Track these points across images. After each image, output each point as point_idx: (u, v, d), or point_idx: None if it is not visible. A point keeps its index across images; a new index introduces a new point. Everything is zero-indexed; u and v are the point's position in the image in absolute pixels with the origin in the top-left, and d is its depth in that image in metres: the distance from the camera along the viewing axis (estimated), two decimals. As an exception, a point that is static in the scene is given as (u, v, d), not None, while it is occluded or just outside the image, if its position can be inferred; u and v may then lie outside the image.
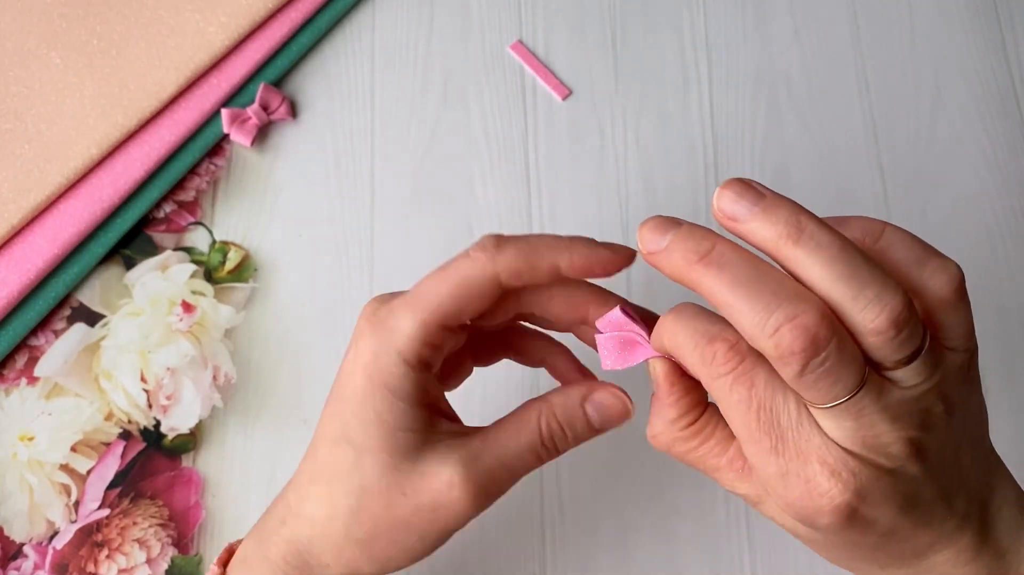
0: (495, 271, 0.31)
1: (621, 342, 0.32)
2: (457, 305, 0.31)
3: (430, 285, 0.31)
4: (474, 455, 0.31)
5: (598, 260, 0.31)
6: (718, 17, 0.58)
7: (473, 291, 0.31)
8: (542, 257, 0.31)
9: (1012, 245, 0.53)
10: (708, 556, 0.46)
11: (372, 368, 0.31)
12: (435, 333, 0.31)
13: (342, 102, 0.55)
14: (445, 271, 0.31)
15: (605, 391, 0.33)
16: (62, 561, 0.45)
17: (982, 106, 0.56)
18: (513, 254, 0.31)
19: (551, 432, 0.32)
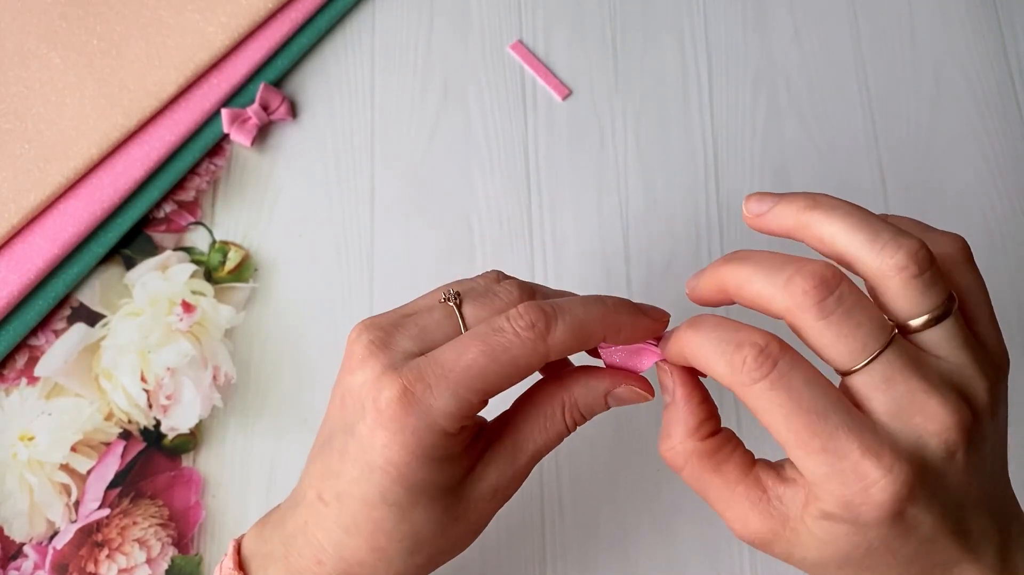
0: (547, 353, 0.30)
1: (626, 353, 0.33)
2: (501, 383, 0.30)
3: (474, 360, 0.30)
4: (509, 460, 0.33)
5: (642, 331, 0.32)
6: (718, 17, 0.58)
7: (521, 371, 0.30)
8: (592, 333, 0.31)
9: (1012, 245, 0.53)
10: (708, 556, 0.46)
11: (415, 444, 0.29)
12: (475, 407, 0.30)
13: (342, 102, 0.55)
14: (491, 347, 0.30)
15: (627, 388, 0.33)
16: (62, 561, 0.45)
17: (982, 106, 0.56)
18: (566, 336, 0.30)
19: (575, 421, 0.33)
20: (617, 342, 0.32)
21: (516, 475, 0.33)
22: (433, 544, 0.32)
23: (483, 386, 0.30)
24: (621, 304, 0.32)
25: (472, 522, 0.33)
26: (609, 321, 0.31)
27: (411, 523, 0.31)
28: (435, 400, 0.29)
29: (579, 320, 0.31)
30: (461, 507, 0.32)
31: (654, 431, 0.48)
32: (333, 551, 0.32)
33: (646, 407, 0.49)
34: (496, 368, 0.30)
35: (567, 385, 0.33)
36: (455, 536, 0.33)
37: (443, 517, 0.31)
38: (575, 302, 0.31)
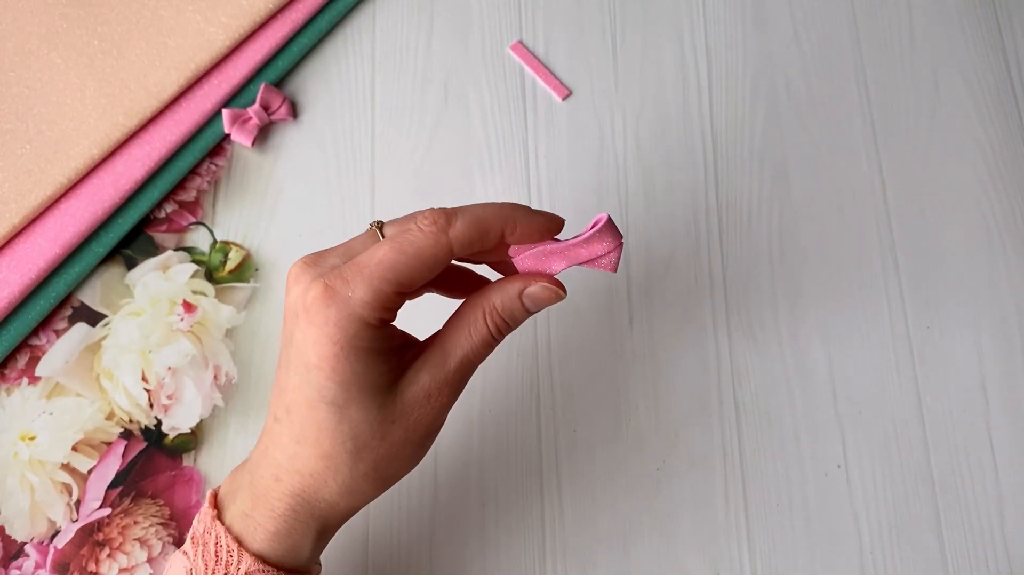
0: (448, 244, 0.34)
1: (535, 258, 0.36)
2: (411, 274, 0.33)
3: (385, 254, 0.33)
4: (438, 364, 0.35)
5: (536, 228, 0.35)
6: (718, 17, 0.58)
7: (427, 262, 0.33)
8: (491, 227, 0.34)
9: (1012, 245, 0.53)
10: (708, 555, 0.47)
11: (338, 335, 0.32)
12: (391, 298, 0.33)
13: (342, 102, 0.55)
14: (399, 242, 0.33)
15: (538, 285, 0.36)
16: (63, 560, 0.45)
17: (982, 106, 0.56)
18: (464, 228, 0.34)
19: (497, 326, 0.36)
20: (516, 238, 0.35)
21: (447, 380, 0.35)
22: (373, 448, 0.34)
23: (394, 276, 0.33)
24: (517, 204, 0.36)
25: (410, 428, 0.35)
26: (504, 215, 0.35)
27: (349, 422, 0.33)
28: (352, 291, 0.33)
29: (476, 215, 0.34)
30: (397, 409, 0.34)
31: (654, 430, 0.49)
32: (288, 464, 0.34)
33: (646, 407, 0.49)
34: (405, 260, 0.33)
35: (486, 294, 0.36)
36: (395, 441, 0.34)
37: (379, 415, 0.34)
38: (476, 204, 0.35)
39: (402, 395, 0.35)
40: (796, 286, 0.52)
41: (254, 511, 0.35)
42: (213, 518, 0.35)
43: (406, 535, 0.46)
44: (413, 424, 0.35)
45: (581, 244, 0.35)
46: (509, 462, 0.48)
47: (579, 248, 0.35)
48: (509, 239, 0.35)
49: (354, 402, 0.33)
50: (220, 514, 0.36)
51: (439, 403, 0.35)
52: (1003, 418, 0.50)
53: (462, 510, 0.47)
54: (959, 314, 0.52)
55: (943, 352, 0.51)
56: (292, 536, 0.35)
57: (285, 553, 0.35)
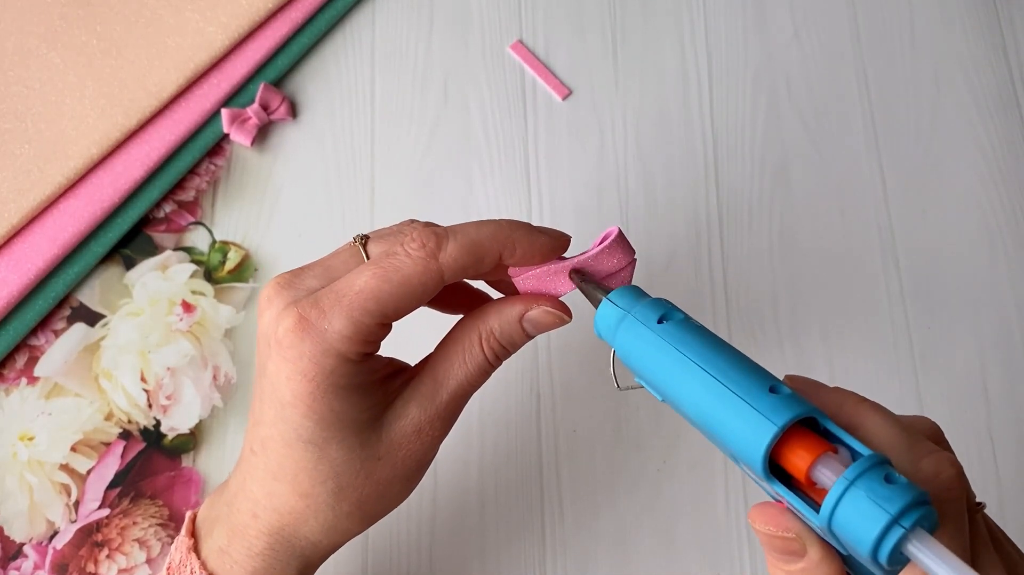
0: (439, 271, 0.30)
1: (538, 279, 0.33)
2: (396, 305, 0.30)
3: (367, 282, 0.30)
4: (429, 397, 0.32)
5: (539, 249, 0.32)
6: (718, 17, 0.58)
7: (415, 291, 0.30)
8: (486, 252, 0.31)
9: (1012, 245, 0.53)
10: (708, 556, 0.46)
11: (314, 372, 0.30)
12: (373, 331, 0.30)
13: (342, 102, 0.55)
14: (384, 269, 0.30)
15: (540, 310, 0.33)
16: (62, 561, 0.45)
17: (982, 106, 0.56)
18: (457, 253, 0.30)
19: (494, 352, 0.33)
20: (516, 261, 0.32)
21: (439, 413, 0.32)
22: (357, 487, 0.31)
23: (377, 307, 0.30)
24: (516, 223, 0.32)
25: (398, 465, 0.32)
26: (502, 237, 0.31)
27: (330, 461, 0.31)
28: (329, 324, 0.29)
29: (471, 238, 0.31)
30: (383, 446, 0.32)
31: (654, 431, 0.48)
32: (265, 501, 0.32)
33: (646, 406, 0.49)
34: (389, 288, 0.30)
35: (483, 316, 0.33)
36: (381, 479, 0.32)
37: (362, 454, 0.31)
38: (470, 223, 0.32)
39: (388, 430, 0.32)
40: (796, 286, 0.52)
41: (231, 547, 0.32)
42: (189, 549, 0.33)
43: (405, 535, 0.46)
44: (401, 461, 0.32)
45: (589, 261, 0.32)
46: (509, 463, 0.48)
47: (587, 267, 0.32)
48: (508, 262, 0.32)
49: (334, 441, 0.31)
50: (197, 544, 0.34)
51: (430, 437, 0.32)
52: (1003, 418, 0.50)
53: (462, 511, 0.47)
54: (959, 314, 0.52)
55: (943, 352, 0.51)
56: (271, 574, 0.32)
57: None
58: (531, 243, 0.32)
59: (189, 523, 0.34)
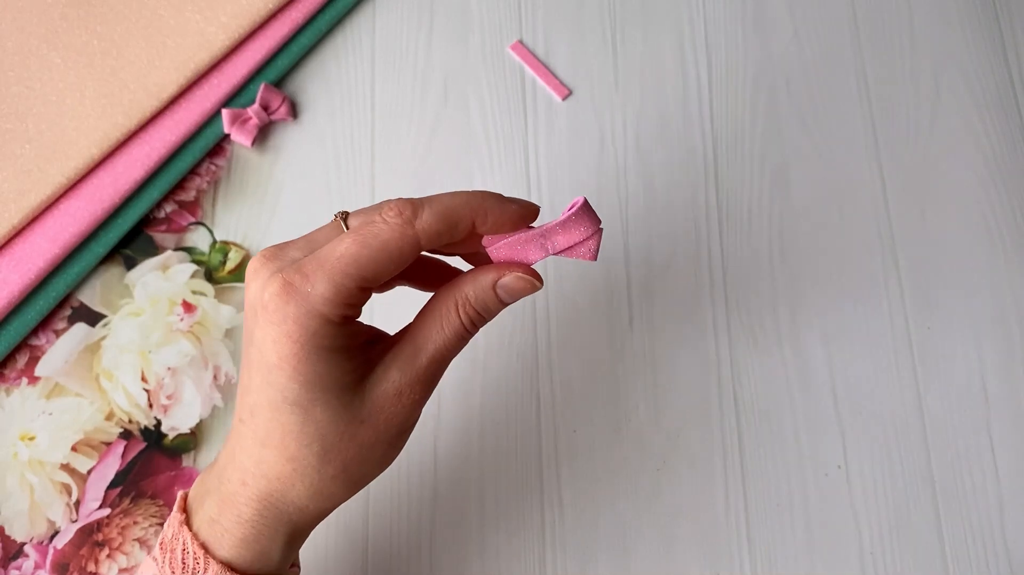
0: (415, 236, 0.32)
1: (510, 248, 0.34)
2: (375, 269, 0.32)
3: (347, 248, 0.31)
4: (409, 361, 0.34)
5: (509, 216, 0.34)
6: (718, 17, 0.58)
7: (393, 256, 0.32)
8: (460, 218, 0.33)
9: (1012, 245, 0.53)
10: (708, 555, 0.47)
11: (299, 333, 0.31)
12: (354, 294, 0.32)
13: (342, 102, 0.55)
14: (362, 235, 0.32)
15: (512, 276, 0.34)
16: (63, 561, 0.45)
17: (982, 106, 0.56)
18: (432, 219, 0.32)
19: (470, 318, 0.34)
20: (488, 228, 0.33)
21: (418, 376, 0.34)
22: (342, 450, 0.33)
23: (357, 271, 0.31)
24: (488, 192, 0.34)
25: (381, 427, 0.33)
26: (475, 204, 0.33)
27: (315, 423, 0.32)
28: (312, 287, 0.31)
29: (445, 205, 0.32)
30: (366, 409, 0.33)
31: (654, 431, 0.49)
32: (254, 468, 0.33)
33: (646, 407, 0.49)
34: (368, 253, 0.31)
35: (459, 284, 0.34)
36: (365, 442, 0.33)
37: (346, 416, 0.32)
38: (444, 193, 0.33)
39: (371, 394, 0.33)
40: (796, 286, 0.52)
41: (221, 516, 0.34)
42: (180, 523, 0.34)
43: (405, 535, 0.46)
44: (384, 424, 0.33)
45: (557, 228, 0.33)
46: (509, 462, 0.48)
47: (555, 235, 0.34)
48: (481, 229, 0.34)
49: (319, 403, 0.32)
50: (188, 519, 0.34)
51: (410, 400, 0.34)
52: (1003, 418, 0.50)
53: (462, 510, 0.47)
54: (959, 314, 0.52)
55: (943, 352, 0.51)
56: (260, 542, 0.34)
57: (254, 559, 0.33)
58: (502, 210, 0.33)
59: (181, 500, 0.35)
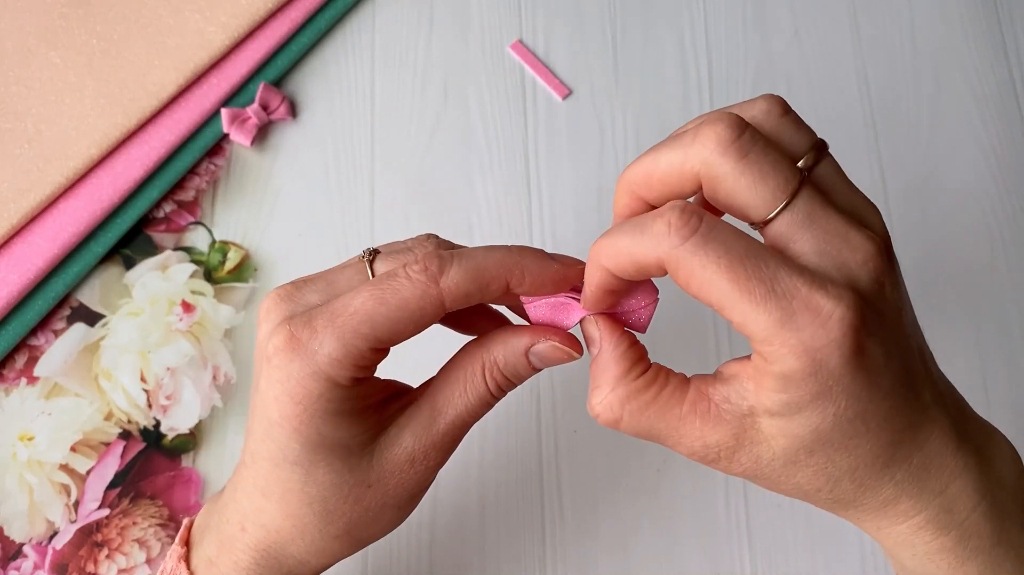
0: (439, 297, 0.29)
1: (552, 307, 0.31)
2: (391, 329, 0.28)
3: (363, 303, 0.28)
4: (426, 426, 0.31)
5: (550, 278, 0.30)
6: (718, 17, 0.58)
7: (413, 316, 0.28)
8: (492, 278, 0.29)
9: (1012, 245, 0.53)
10: (708, 556, 0.46)
11: (301, 394, 0.28)
12: (366, 355, 0.29)
13: (342, 102, 0.55)
14: (381, 291, 0.28)
15: (549, 344, 0.31)
16: (62, 561, 0.45)
17: (982, 105, 0.56)
18: (460, 278, 0.29)
19: (497, 384, 0.31)
20: (525, 290, 0.30)
21: (435, 443, 0.31)
22: (346, 512, 0.30)
23: (371, 330, 0.28)
24: (527, 249, 0.30)
25: (390, 492, 0.31)
26: (510, 263, 0.29)
27: (317, 485, 0.30)
28: (320, 346, 0.28)
29: (476, 263, 0.29)
30: (374, 473, 0.30)
31: (654, 431, 0.48)
32: (254, 516, 0.31)
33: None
34: (385, 311, 0.28)
35: (488, 344, 0.31)
36: (372, 506, 0.31)
37: (351, 479, 0.30)
38: (478, 248, 0.30)
39: (380, 457, 0.30)
40: (796, 286, 0.52)
41: (219, 559, 0.32)
42: (179, 558, 0.33)
43: (406, 535, 0.46)
44: (393, 489, 0.31)
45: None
46: (509, 463, 0.48)
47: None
48: (518, 290, 0.30)
49: (321, 464, 0.29)
50: (189, 553, 0.33)
51: (424, 467, 0.31)
52: (1004, 418, 0.50)
53: (462, 510, 0.47)
54: (960, 314, 0.52)
55: (944, 352, 0.51)
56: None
57: None
58: (541, 271, 0.30)
59: (184, 531, 0.34)
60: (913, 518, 0.28)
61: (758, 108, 0.27)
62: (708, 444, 0.27)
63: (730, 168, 0.26)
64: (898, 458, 0.27)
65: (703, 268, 0.25)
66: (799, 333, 0.24)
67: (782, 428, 0.26)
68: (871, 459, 0.27)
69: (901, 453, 0.27)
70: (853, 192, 0.28)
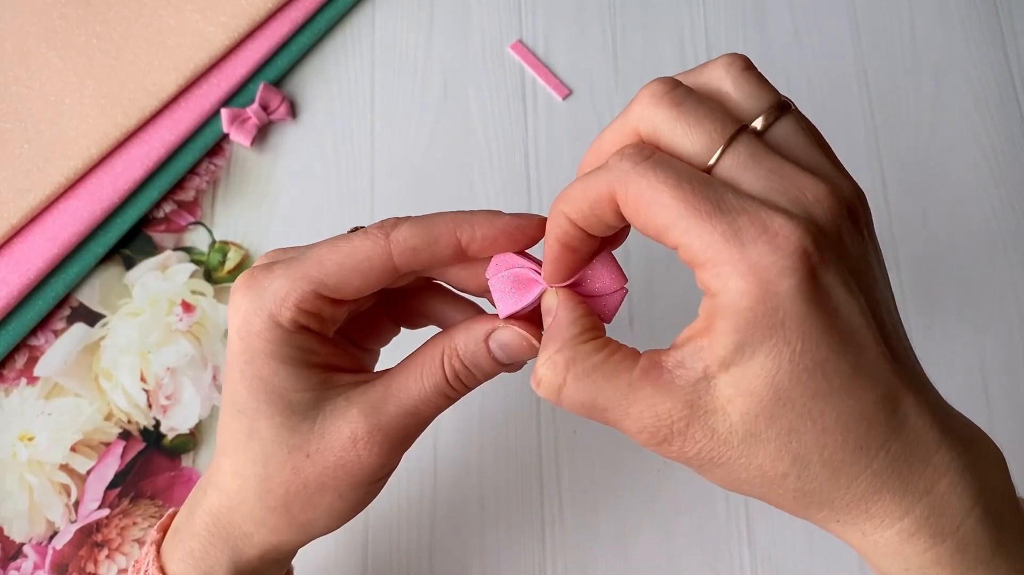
0: (387, 249, 0.29)
1: (514, 281, 0.30)
2: (340, 277, 0.29)
3: (318, 251, 0.29)
4: (375, 405, 0.30)
5: (503, 231, 0.29)
6: (718, 17, 0.58)
7: (361, 266, 0.29)
8: (441, 233, 0.29)
9: (1012, 245, 0.53)
10: (708, 555, 0.46)
11: (245, 331, 0.29)
12: (311, 300, 0.29)
13: (342, 102, 0.55)
14: (337, 241, 0.29)
15: (507, 330, 0.30)
16: (62, 561, 0.45)
17: (982, 105, 0.56)
18: (408, 231, 0.29)
19: (456, 373, 0.30)
20: (478, 246, 0.29)
21: (380, 427, 0.29)
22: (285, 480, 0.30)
23: (318, 273, 0.29)
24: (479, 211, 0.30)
25: (329, 471, 0.30)
26: (461, 219, 0.29)
27: (259, 440, 0.29)
28: (269, 282, 0.29)
29: (426, 219, 0.29)
30: (314, 441, 0.29)
31: (654, 431, 0.48)
32: (213, 477, 0.31)
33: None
34: (335, 258, 0.29)
35: (451, 331, 0.31)
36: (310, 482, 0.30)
37: (290, 440, 0.29)
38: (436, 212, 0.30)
39: (322, 426, 0.29)
40: (796, 286, 0.52)
41: (182, 526, 0.32)
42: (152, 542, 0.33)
43: (405, 536, 0.46)
44: (333, 468, 0.29)
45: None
46: (509, 463, 0.48)
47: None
48: (470, 248, 0.29)
49: (263, 416, 0.29)
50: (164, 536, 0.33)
51: (367, 451, 0.29)
52: (1004, 418, 0.50)
53: (462, 511, 0.47)
54: (960, 314, 0.52)
55: (944, 352, 0.51)
56: (206, 560, 0.31)
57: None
58: (491, 223, 0.29)
59: (166, 519, 0.34)
60: (901, 520, 0.25)
61: (719, 63, 0.27)
62: (659, 414, 0.25)
63: (665, 116, 0.25)
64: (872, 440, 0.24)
65: (651, 188, 0.24)
66: (744, 250, 0.23)
67: (736, 383, 0.24)
68: (841, 435, 0.24)
69: (875, 435, 0.24)
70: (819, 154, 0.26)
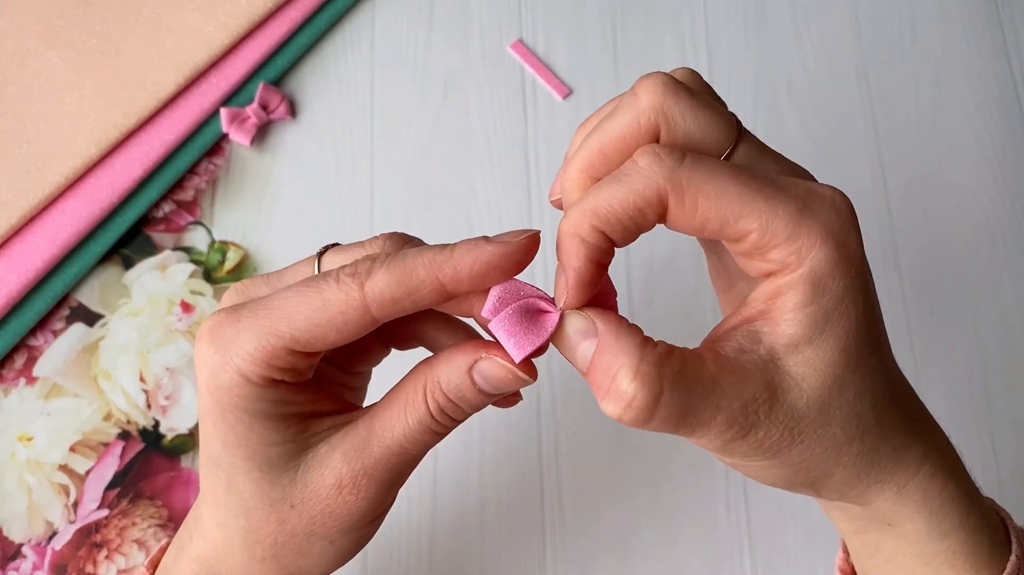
0: (363, 303, 0.26)
1: (521, 315, 0.26)
2: (311, 331, 0.26)
3: (287, 301, 0.26)
4: (359, 448, 0.28)
5: (490, 264, 0.26)
6: (718, 17, 0.58)
7: (335, 321, 0.26)
8: (421, 280, 0.26)
9: (1014, 244, 0.53)
10: (708, 556, 0.46)
11: (214, 386, 0.26)
12: (283, 356, 0.26)
13: (342, 101, 0.55)
14: (308, 290, 0.26)
15: (488, 362, 0.27)
16: (61, 562, 0.45)
17: (982, 105, 0.56)
18: (384, 284, 0.25)
19: (440, 407, 0.27)
20: (465, 287, 0.26)
21: (366, 470, 0.28)
22: (270, 533, 0.28)
23: (288, 329, 0.26)
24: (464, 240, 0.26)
25: (316, 519, 0.28)
26: (440, 260, 0.26)
27: (239, 495, 0.28)
28: (235, 336, 0.26)
29: (403, 265, 0.26)
30: (297, 492, 0.28)
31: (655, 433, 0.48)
32: (197, 524, 0.30)
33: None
34: (306, 311, 0.26)
35: (434, 362, 0.28)
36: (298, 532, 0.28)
37: (272, 495, 0.28)
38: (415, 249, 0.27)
39: (305, 476, 0.28)
40: (797, 286, 0.52)
41: (171, 568, 0.31)
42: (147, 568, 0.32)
43: (406, 535, 0.46)
44: (320, 516, 0.28)
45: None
46: (509, 463, 0.48)
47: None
48: (458, 291, 0.26)
49: (240, 472, 0.27)
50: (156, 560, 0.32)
51: (353, 497, 0.28)
52: (1004, 418, 0.50)
53: (462, 512, 0.47)
54: (959, 314, 0.52)
55: (944, 352, 0.51)
56: None
57: None
58: (475, 259, 0.25)
59: (157, 552, 0.33)
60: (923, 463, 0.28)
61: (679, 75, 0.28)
62: (747, 401, 0.24)
63: (686, 104, 0.26)
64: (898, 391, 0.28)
65: (712, 179, 0.24)
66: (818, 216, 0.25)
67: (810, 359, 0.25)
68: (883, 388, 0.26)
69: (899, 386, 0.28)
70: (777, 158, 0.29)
